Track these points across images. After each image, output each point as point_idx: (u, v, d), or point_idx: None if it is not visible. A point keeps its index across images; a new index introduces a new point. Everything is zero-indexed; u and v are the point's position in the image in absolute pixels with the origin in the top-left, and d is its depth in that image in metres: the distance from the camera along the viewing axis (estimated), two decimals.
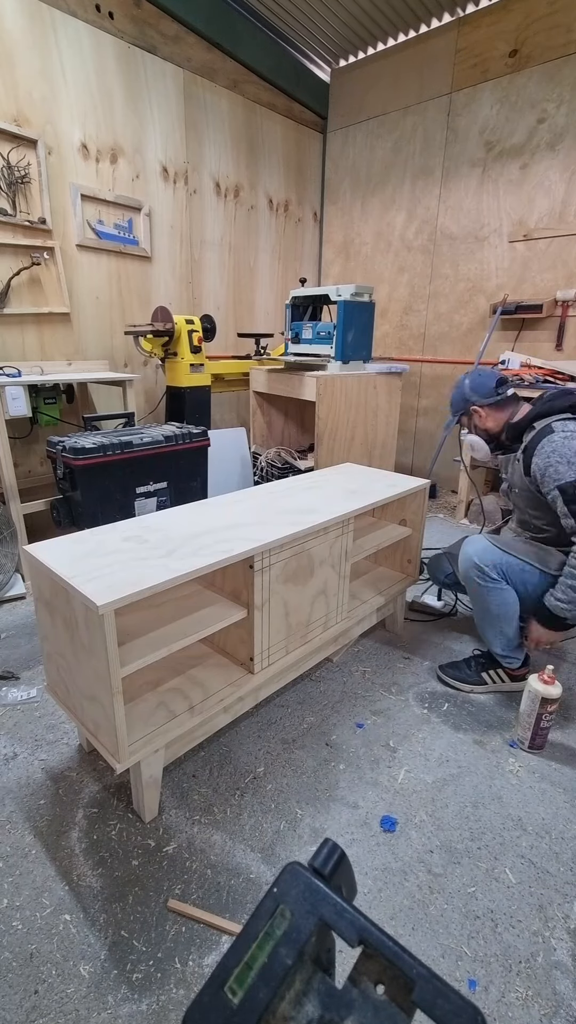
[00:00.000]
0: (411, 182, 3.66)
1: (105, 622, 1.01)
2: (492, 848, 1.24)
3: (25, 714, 1.63)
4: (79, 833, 1.26)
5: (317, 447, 2.71)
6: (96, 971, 0.99)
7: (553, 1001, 0.96)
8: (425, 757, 1.50)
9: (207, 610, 1.35)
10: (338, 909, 0.41)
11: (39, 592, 1.25)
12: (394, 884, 1.16)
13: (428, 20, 3.31)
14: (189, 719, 1.27)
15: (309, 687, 1.78)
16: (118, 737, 1.12)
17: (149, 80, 2.91)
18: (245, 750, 1.51)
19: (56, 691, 1.36)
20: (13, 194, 2.49)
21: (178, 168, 3.17)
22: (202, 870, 1.18)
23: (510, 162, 3.19)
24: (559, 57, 2.90)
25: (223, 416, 3.83)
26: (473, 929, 1.08)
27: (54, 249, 2.66)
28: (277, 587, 1.41)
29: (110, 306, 3.01)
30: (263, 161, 3.67)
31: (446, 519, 3.46)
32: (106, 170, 2.84)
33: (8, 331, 2.61)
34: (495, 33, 3.09)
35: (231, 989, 0.37)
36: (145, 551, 1.23)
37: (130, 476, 2.22)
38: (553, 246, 3.11)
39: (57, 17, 2.48)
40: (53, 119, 2.57)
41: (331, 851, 0.46)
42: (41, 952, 1.02)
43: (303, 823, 1.29)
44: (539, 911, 1.11)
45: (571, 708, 1.70)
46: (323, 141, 4.07)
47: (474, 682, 1.77)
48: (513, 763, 1.49)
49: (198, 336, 2.79)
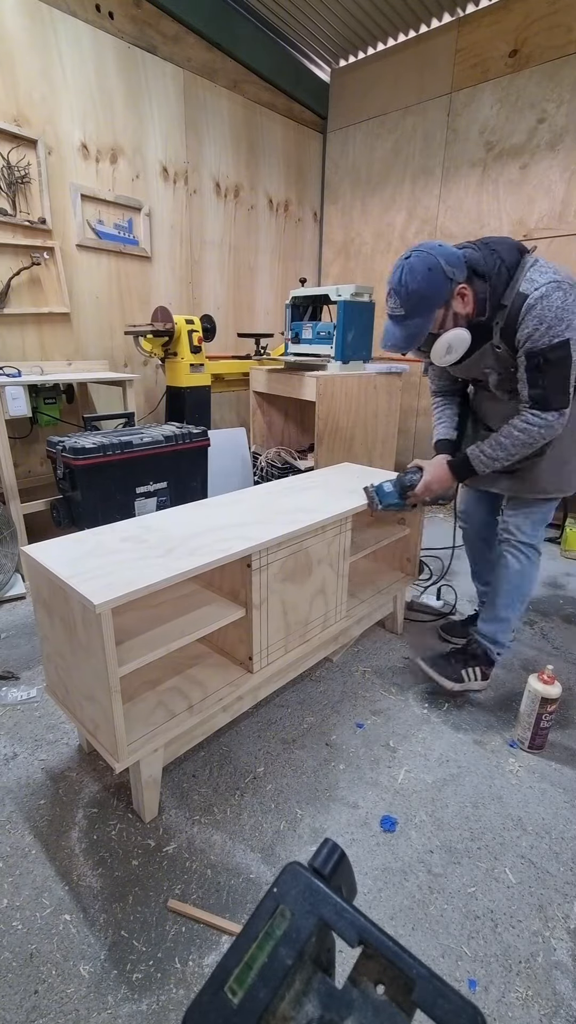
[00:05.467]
0: (411, 182, 3.66)
1: (103, 621, 1.01)
2: (492, 848, 1.24)
3: (25, 714, 1.63)
4: (79, 833, 1.26)
5: (317, 447, 2.71)
6: (96, 971, 0.99)
7: (553, 1001, 0.96)
8: (425, 757, 1.50)
9: (205, 609, 1.35)
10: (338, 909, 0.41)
11: (38, 592, 1.25)
12: (394, 884, 1.16)
13: (428, 20, 3.31)
14: (188, 718, 1.27)
15: (309, 687, 1.78)
16: (117, 737, 1.12)
17: (149, 80, 2.91)
18: (245, 750, 1.51)
19: (56, 691, 1.36)
20: (13, 194, 2.49)
21: (178, 168, 3.17)
22: (202, 870, 1.18)
23: (510, 162, 3.19)
24: (559, 57, 2.89)
25: (223, 416, 3.82)
26: (473, 929, 1.08)
27: (54, 249, 2.66)
28: (275, 586, 1.41)
29: (110, 306, 3.01)
30: (263, 161, 3.67)
31: (445, 519, 3.46)
32: (106, 170, 2.83)
33: (8, 331, 2.61)
34: (495, 33, 3.09)
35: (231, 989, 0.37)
36: (144, 551, 1.23)
37: (130, 476, 2.22)
38: (553, 246, 3.11)
39: (57, 17, 2.48)
40: (53, 119, 2.57)
41: (331, 851, 0.46)
42: (41, 952, 1.02)
43: (303, 823, 1.29)
44: (539, 911, 1.11)
45: (571, 708, 1.70)
46: (323, 141, 4.07)
47: (455, 679, 1.67)
48: (513, 763, 1.49)
49: (198, 336, 2.78)
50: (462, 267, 1.34)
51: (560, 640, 2.08)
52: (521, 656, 1.97)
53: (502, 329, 1.39)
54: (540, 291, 1.29)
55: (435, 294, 1.34)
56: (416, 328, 1.38)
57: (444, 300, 1.36)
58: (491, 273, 1.36)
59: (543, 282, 1.29)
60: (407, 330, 1.39)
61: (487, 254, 1.37)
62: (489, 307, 1.38)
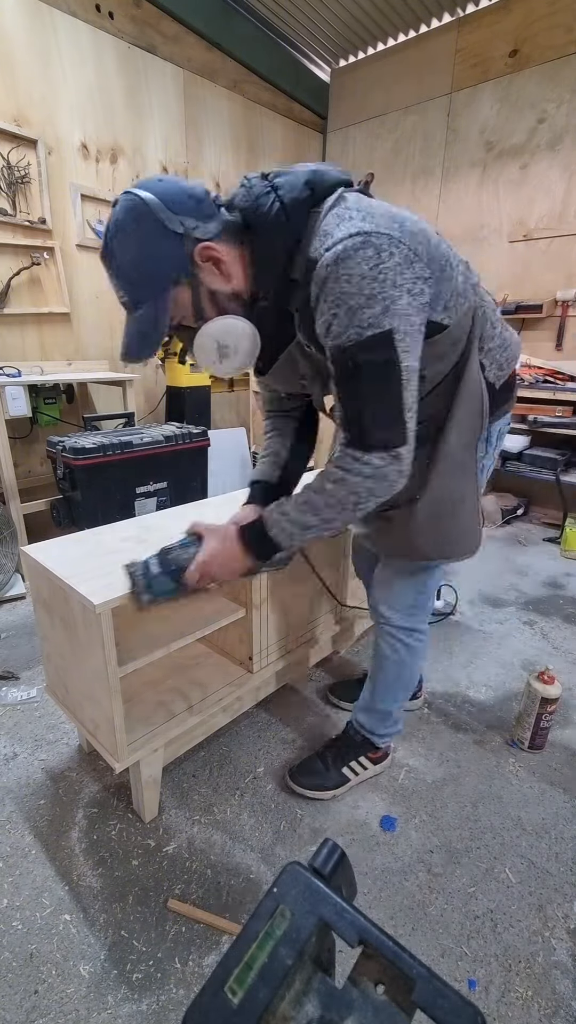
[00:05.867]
0: (411, 182, 3.66)
1: (102, 621, 1.01)
2: (492, 848, 1.24)
3: (25, 714, 1.63)
4: (79, 833, 1.26)
5: (317, 447, 2.71)
6: (96, 971, 0.99)
7: (553, 1001, 0.96)
8: (425, 757, 1.50)
9: (205, 609, 1.34)
10: (338, 909, 0.41)
11: (38, 592, 1.25)
12: (394, 884, 1.16)
13: (428, 20, 3.31)
14: (188, 718, 1.27)
15: (309, 686, 1.78)
16: (117, 737, 1.12)
17: (149, 80, 2.91)
18: (245, 750, 1.51)
19: (56, 691, 1.36)
20: (13, 194, 2.49)
21: (178, 168, 3.17)
22: (202, 870, 1.18)
23: (510, 162, 3.19)
24: (559, 57, 2.89)
25: (223, 416, 3.82)
26: (473, 929, 1.08)
27: (54, 249, 2.66)
28: (275, 586, 1.41)
29: (110, 306, 3.01)
30: (263, 161, 3.67)
31: None
32: (106, 170, 2.83)
33: (8, 331, 2.61)
34: (495, 33, 3.09)
35: (231, 989, 0.37)
36: (144, 551, 1.23)
37: (130, 476, 2.22)
38: (553, 246, 3.11)
39: (57, 17, 2.48)
40: (53, 119, 2.57)
41: (331, 851, 0.46)
42: (41, 952, 1.02)
43: (303, 823, 1.29)
44: (539, 911, 1.11)
45: (571, 708, 1.70)
46: (323, 141, 4.07)
47: (335, 784, 1.35)
48: (513, 763, 1.49)
49: None
50: (203, 212, 0.82)
51: (560, 640, 2.08)
52: (521, 656, 1.97)
53: (301, 317, 0.89)
54: (335, 251, 0.76)
55: (155, 263, 0.82)
56: (146, 322, 0.86)
57: (176, 270, 0.83)
58: (261, 224, 0.84)
59: (340, 236, 0.77)
60: (135, 325, 0.87)
61: (261, 192, 0.84)
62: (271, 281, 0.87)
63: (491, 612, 2.28)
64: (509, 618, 2.24)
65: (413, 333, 0.81)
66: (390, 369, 0.80)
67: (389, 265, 0.76)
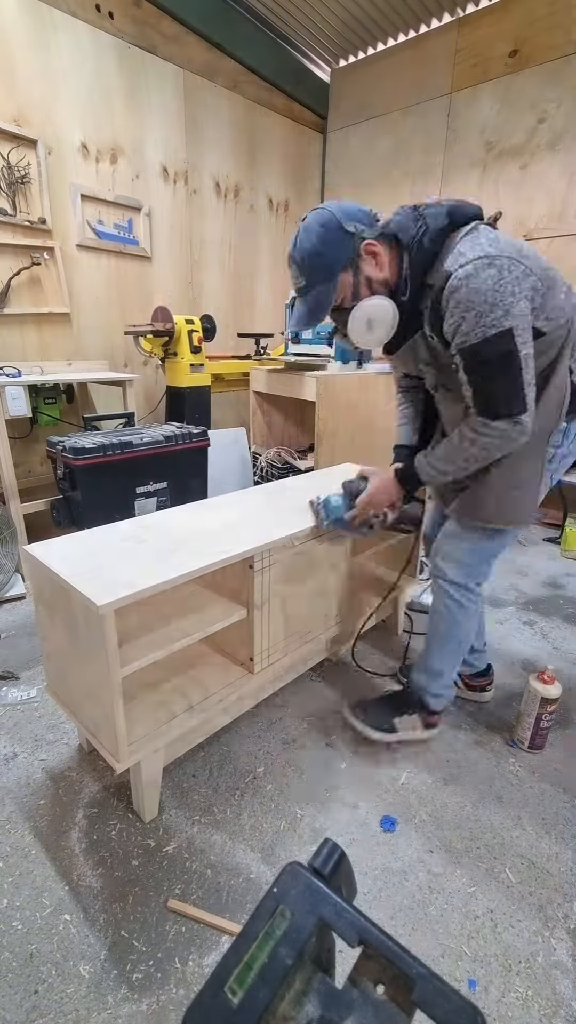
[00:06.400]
0: (411, 182, 3.66)
1: (105, 622, 1.01)
2: (492, 848, 1.24)
3: (25, 714, 1.63)
4: (79, 833, 1.26)
5: (317, 447, 2.71)
6: (96, 971, 0.99)
7: (553, 1001, 0.96)
8: (425, 757, 1.50)
9: (207, 610, 1.35)
10: (338, 909, 0.41)
11: (39, 592, 1.25)
12: (394, 884, 1.16)
13: (428, 20, 3.31)
14: (189, 719, 1.27)
15: (309, 687, 1.78)
16: (118, 737, 1.12)
17: (149, 80, 2.91)
18: (245, 750, 1.51)
19: (56, 691, 1.36)
20: (13, 194, 2.49)
21: (178, 168, 3.17)
22: (202, 870, 1.18)
23: (510, 162, 3.19)
24: (559, 57, 2.89)
25: (223, 416, 3.82)
26: (473, 929, 1.08)
27: (54, 249, 2.66)
28: (277, 587, 1.41)
29: (110, 306, 3.01)
30: (263, 161, 3.67)
31: None
32: (106, 170, 2.83)
33: (8, 331, 2.61)
34: (495, 33, 3.09)
35: (231, 989, 0.37)
36: (145, 551, 1.23)
37: (130, 476, 2.22)
38: (553, 246, 3.11)
39: (57, 17, 2.48)
40: (53, 119, 2.57)
41: (331, 851, 0.46)
42: (41, 952, 1.02)
43: (303, 823, 1.29)
44: (539, 911, 1.11)
45: (571, 708, 1.70)
46: (323, 141, 4.07)
47: (386, 729, 1.46)
48: (513, 763, 1.49)
49: (198, 336, 2.78)
50: (368, 221, 1.13)
51: (560, 640, 2.08)
52: (521, 656, 1.97)
53: (431, 315, 1.13)
54: (465, 269, 1.01)
55: (333, 252, 1.11)
56: (318, 298, 1.15)
57: (347, 259, 1.12)
58: (410, 242, 1.11)
59: (471, 257, 1.02)
60: (308, 302, 1.16)
61: (412, 219, 1.12)
62: (410, 286, 1.13)
63: (491, 612, 2.28)
64: (509, 618, 2.24)
65: (528, 329, 1.06)
66: (511, 358, 1.04)
67: (509, 279, 1.01)
